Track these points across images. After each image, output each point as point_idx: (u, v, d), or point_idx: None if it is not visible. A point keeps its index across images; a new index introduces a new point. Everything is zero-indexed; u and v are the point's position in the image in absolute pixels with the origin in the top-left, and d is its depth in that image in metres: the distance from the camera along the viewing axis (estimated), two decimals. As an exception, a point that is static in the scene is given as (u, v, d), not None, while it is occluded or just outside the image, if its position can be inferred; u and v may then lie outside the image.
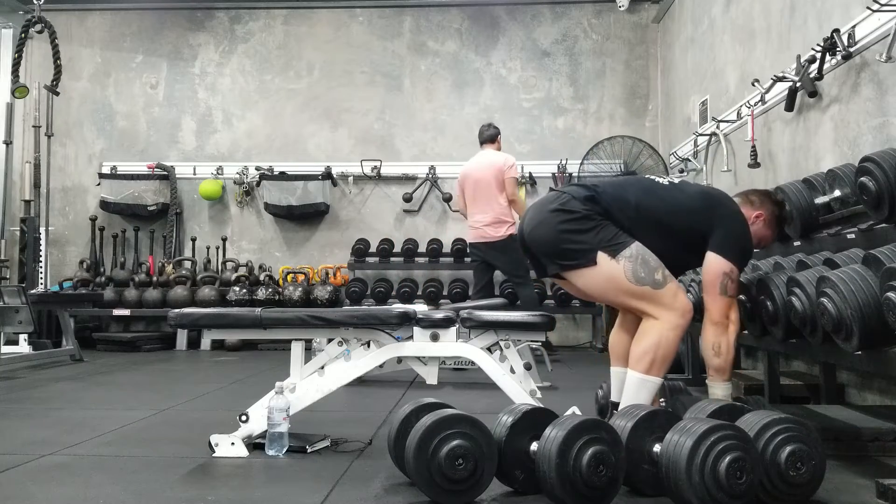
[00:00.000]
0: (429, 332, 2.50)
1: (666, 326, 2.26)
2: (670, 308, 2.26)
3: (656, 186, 2.45)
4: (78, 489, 2.03)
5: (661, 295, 2.27)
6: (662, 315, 2.26)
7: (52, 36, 5.99)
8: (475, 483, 1.85)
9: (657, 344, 2.25)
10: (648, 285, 2.27)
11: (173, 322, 2.61)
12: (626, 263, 2.28)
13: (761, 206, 2.57)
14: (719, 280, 2.31)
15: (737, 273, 2.35)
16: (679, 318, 2.27)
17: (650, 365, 2.25)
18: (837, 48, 3.25)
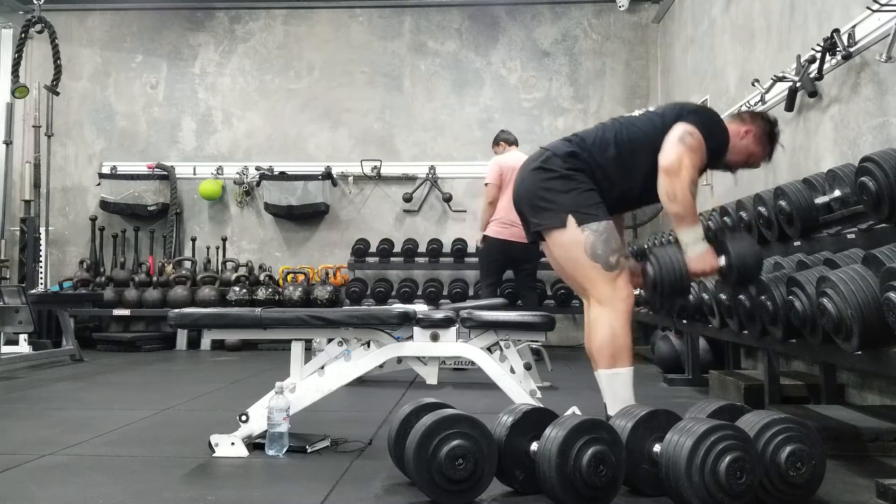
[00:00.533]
0: (429, 332, 2.50)
1: (612, 316, 2.28)
2: (612, 292, 2.28)
3: (632, 118, 2.53)
4: (78, 489, 2.03)
5: (608, 277, 2.29)
6: (604, 300, 2.28)
7: (52, 36, 5.99)
8: (475, 483, 1.85)
9: (611, 336, 2.28)
10: (601, 264, 2.29)
11: (173, 322, 2.61)
12: (588, 235, 2.31)
13: (751, 123, 2.55)
14: (677, 132, 2.34)
15: (698, 136, 2.34)
16: (621, 303, 2.29)
17: (612, 357, 2.27)
18: (837, 48, 3.25)
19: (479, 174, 7.08)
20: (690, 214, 2.34)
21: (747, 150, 2.53)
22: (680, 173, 2.29)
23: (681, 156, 2.30)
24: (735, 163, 2.57)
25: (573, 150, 2.39)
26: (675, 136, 2.34)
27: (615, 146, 2.40)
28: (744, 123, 2.54)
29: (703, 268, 2.37)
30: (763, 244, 3.31)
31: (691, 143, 2.32)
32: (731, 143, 2.50)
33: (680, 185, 2.29)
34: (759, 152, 2.57)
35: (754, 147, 2.55)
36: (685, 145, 2.32)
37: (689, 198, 2.31)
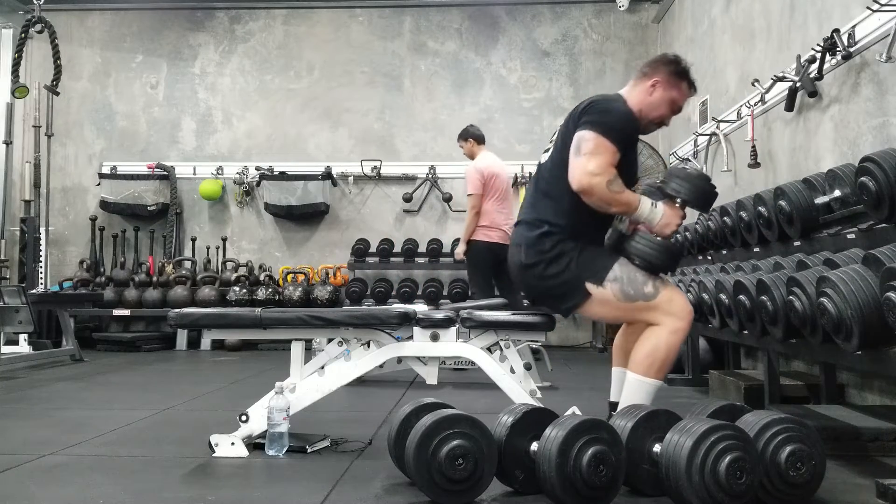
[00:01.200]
0: (429, 332, 2.49)
1: (666, 331, 2.26)
2: (668, 314, 2.26)
3: (542, 162, 2.50)
4: (78, 489, 2.03)
5: (656, 305, 2.27)
6: (663, 321, 2.27)
7: (52, 36, 5.99)
8: (475, 483, 1.85)
9: (656, 347, 2.26)
10: (640, 300, 2.27)
11: (173, 322, 2.61)
12: (612, 286, 2.29)
13: (654, 72, 2.46)
14: (572, 148, 2.30)
15: (593, 137, 2.27)
16: (679, 321, 2.27)
17: (649, 368, 2.26)
18: (837, 48, 3.25)
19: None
20: (627, 202, 2.29)
21: (664, 99, 2.45)
22: (593, 188, 2.25)
23: (583, 171, 2.25)
24: (662, 115, 2.48)
25: (540, 231, 2.36)
26: (572, 154, 2.30)
27: (557, 199, 2.36)
28: (647, 78, 2.46)
29: (672, 223, 2.32)
30: (763, 244, 3.32)
31: (590, 149, 2.26)
32: (645, 102, 2.44)
33: (602, 195, 2.25)
34: (676, 95, 2.48)
35: (669, 92, 2.45)
36: (584, 156, 2.26)
37: (617, 195, 2.26)
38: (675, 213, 2.31)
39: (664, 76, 2.44)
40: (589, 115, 2.34)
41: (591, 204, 2.28)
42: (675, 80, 2.45)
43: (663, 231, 2.31)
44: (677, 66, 2.47)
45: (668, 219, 2.30)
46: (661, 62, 2.49)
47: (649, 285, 2.28)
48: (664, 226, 2.30)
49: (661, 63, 2.48)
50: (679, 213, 2.32)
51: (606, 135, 2.28)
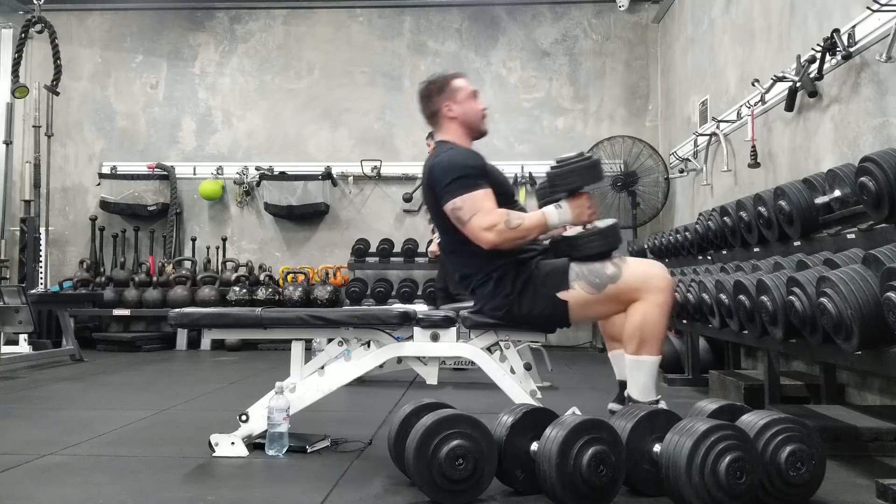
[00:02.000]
0: (429, 332, 2.49)
1: (647, 305, 2.25)
2: (645, 288, 2.25)
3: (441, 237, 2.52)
4: (78, 489, 2.03)
5: (628, 282, 2.27)
6: (642, 295, 2.26)
7: (52, 36, 5.99)
8: (475, 483, 1.85)
9: (642, 324, 2.25)
10: (609, 283, 2.27)
11: (173, 322, 2.61)
12: (579, 285, 2.30)
13: (440, 91, 2.49)
14: (454, 218, 2.31)
15: (461, 200, 2.27)
16: (657, 293, 2.25)
17: (639, 345, 2.26)
18: (837, 48, 3.25)
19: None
20: (535, 225, 2.30)
21: (465, 110, 2.48)
22: (498, 241, 2.26)
23: (480, 234, 2.27)
24: (476, 109, 2.51)
25: (491, 283, 2.36)
26: (459, 226, 2.31)
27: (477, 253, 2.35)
28: (440, 113, 2.48)
29: (583, 210, 2.32)
30: (763, 244, 3.32)
31: (468, 212, 2.27)
32: (461, 120, 2.47)
33: (510, 239, 2.27)
34: (461, 92, 2.49)
35: (458, 97, 2.48)
36: (469, 222, 2.27)
37: (523, 228, 2.27)
38: (578, 200, 2.33)
39: (442, 97, 2.48)
40: (441, 185, 2.34)
41: (508, 247, 2.30)
42: (449, 90, 2.49)
43: (582, 220, 2.33)
44: (434, 84, 2.51)
45: (578, 209, 2.32)
46: (430, 94, 2.52)
47: (609, 267, 2.29)
48: (578, 217, 2.32)
49: (430, 94, 2.51)
50: (581, 199, 2.33)
51: (467, 187, 2.29)
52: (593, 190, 2.47)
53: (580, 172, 2.33)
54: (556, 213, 2.32)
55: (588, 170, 2.33)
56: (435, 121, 2.54)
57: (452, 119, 2.49)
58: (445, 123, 2.51)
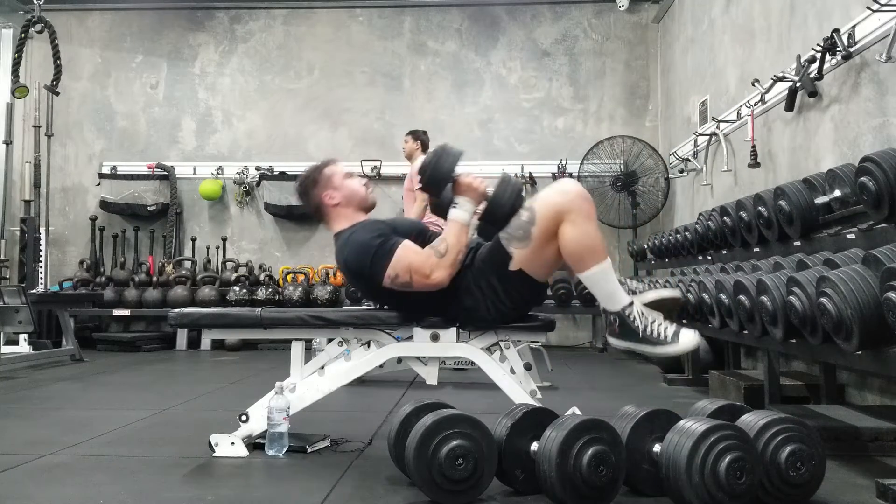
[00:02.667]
0: (429, 332, 2.49)
1: (570, 223, 2.20)
2: (561, 211, 2.21)
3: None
4: (78, 489, 2.03)
5: (544, 218, 2.23)
6: (563, 217, 2.21)
7: (52, 36, 5.99)
8: (475, 483, 1.85)
9: (574, 241, 2.20)
10: (532, 227, 2.24)
11: (173, 322, 2.61)
12: (514, 246, 2.27)
13: (315, 184, 2.51)
14: (398, 286, 2.32)
15: (391, 269, 2.29)
16: (572, 206, 2.21)
17: (583, 261, 2.22)
18: (837, 48, 3.25)
19: (479, 174, 7.06)
20: (457, 240, 2.30)
21: (346, 193, 2.50)
22: (442, 273, 2.28)
23: (426, 281, 2.29)
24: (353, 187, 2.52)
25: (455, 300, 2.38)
26: (408, 287, 2.32)
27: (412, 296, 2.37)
28: (324, 205, 2.51)
29: (469, 190, 2.34)
30: (763, 244, 3.32)
31: (402, 271, 2.29)
32: (346, 202, 2.50)
33: (448, 261, 2.27)
34: (340, 182, 2.51)
35: (338, 188, 2.50)
36: (413, 278, 2.29)
37: (451, 252, 2.28)
38: (462, 185, 2.35)
39: (318, 189, 2.51)
40: (367, 269, 2.34)
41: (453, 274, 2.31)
42: (323, 180, 2.52)
43: (479, 195, 2.34)
44: (307, 179, 2.54)
45: (467, 191, 2.34)
46: (306, 190, 2.54)
47: (522, 214, 2.27)
48: (474, 195, 2.33)
49: (307, 190, 2.54)
50: (462, 182, 2.34)
51: (388, 254, 2.30)
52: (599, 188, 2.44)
53: (438, 165, 2.34)
54: (459, 210, 2.33)
55: (442, 158, 2.35)
56: (321, 214, 2.55)
57: (336, 206, 2.50)
58: (332, 213, 2.51)
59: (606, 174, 6.65)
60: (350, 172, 2.58)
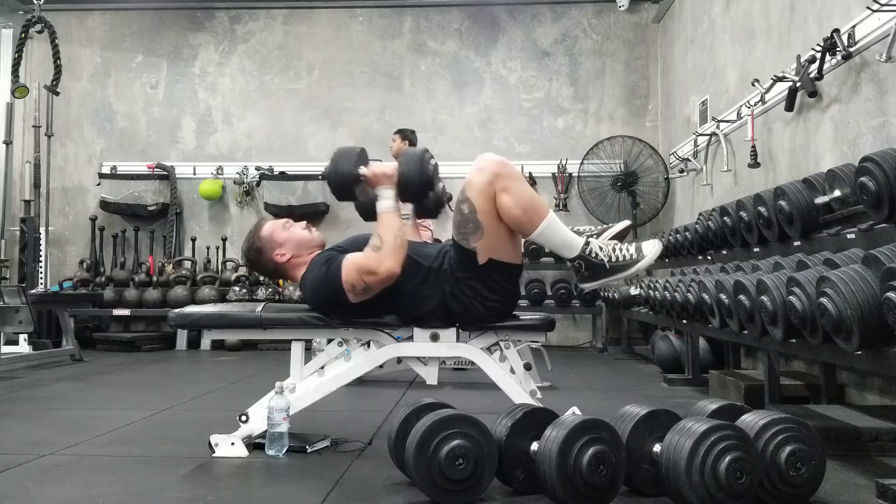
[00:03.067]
0: (429, 332, 2.49)
1: (502, 192, 2.22)
2: (489, 185, 2.22)
3: None
4: (78, 489, 2.03)
5: (477, 197, 2.24)
6: (495, 190, 2.23)
7: (52, 36, 5.99)
8: (475, 483, 1.85)
9: (512, 207, 2.22)
10: (474, 214, 2.26)
11: (173, 322, 2.61)
12: (473, 242, 2.29)
13: (261, 250, 2.55)
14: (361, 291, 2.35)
15: (345, 283, 2.34)
16: (496, 177, 2.22)
17: (528, 222, 2.23)
18: (837, 48, 3.25)
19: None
20: (388, 223, 2.37)
21: (293, 245, 2.55)
22: (386, 264, 2.32)
23: (375, 277, 2.33)
24: (309, 241, 2.60)
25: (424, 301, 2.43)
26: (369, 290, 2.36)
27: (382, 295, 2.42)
28: (270, 256, 2.54)
29: (381, 173, 2.41)
30: (763, 244, 3.32)
31: (357, 276, 2.33)
32: (295, 255, 2.54)
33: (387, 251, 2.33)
34: (281, 237, 2.56)
35: (283, 243, 2.55)
36: (363, 282, 2.33)
37: (386, 237, 2.35)
38: (372, 175, 2.41)
39: (266, 252, 2.54)
40: (333, 291, 2.38)
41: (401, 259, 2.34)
42: (266, 242, 2.55)
43: (390, 178, 2.40)
44: (251, 247, 2.57)
45: (379, 178, 2.40)
46: (256, 258, 2.58)
47: (463, 206, 2.28)
48: (384, 179, 2.41)
49: (257, 258, 2.57)
50: (372, 172, 2.41)
51: (338, 270, 2.37)
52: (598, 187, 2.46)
53: (337, 170, 2.43)
54: (381, 201, 2.39)
55: (338, 162, 2.43)
56: (281, 274, 2.56)
57: (290, 259, 2.54)
58: (289, 267, 2.54)
59: (606, 174, 6.65)
60: (286, 221, 2.61)
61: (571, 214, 6.94)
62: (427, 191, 2.37)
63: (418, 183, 2.33)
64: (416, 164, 2.33)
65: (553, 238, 2.26)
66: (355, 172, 2.40)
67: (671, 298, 3.85)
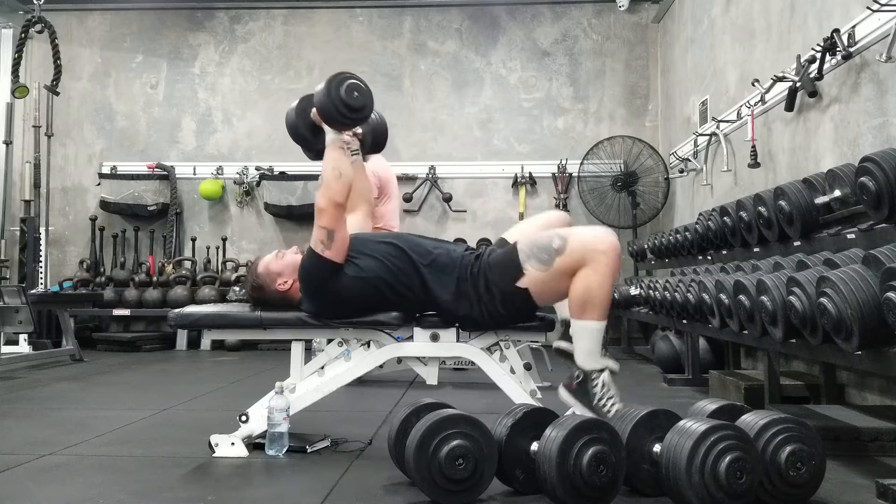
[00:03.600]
0: (429, 332, 2.49)
1: (591, 269, 2.21)
2: (590, 254, 2.21)
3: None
4: (78, 489, 2.03)
5: (573, 252, 2.23)
6: (587, 262, 2.21)
7: (52, 36, 5.99)
8: (475, 483, 1.85)
9: (586, 288, 2.20)
10: (557, 257, 2.24)
11: (173, 322, 2.61)
12: (529, 265, 2.27)
13: (262, 286, 2.56)
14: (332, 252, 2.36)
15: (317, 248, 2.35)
16: (601, 256, 2.20)
17: (583, 309, 2.22)
18: (837, 48, 3.25)
19: (479, 174, 7.11)
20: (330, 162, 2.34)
21: (290, 273, 2.52)
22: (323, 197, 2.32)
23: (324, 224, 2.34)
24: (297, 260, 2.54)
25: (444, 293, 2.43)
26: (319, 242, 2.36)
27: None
28: (274, 287, 2.54)
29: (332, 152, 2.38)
30: (763, 244, 3.32)
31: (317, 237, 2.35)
32: (292, 280, 2.52)
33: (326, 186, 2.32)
34: (277, 266, 2.54)
35: (280, 272, 2.53)
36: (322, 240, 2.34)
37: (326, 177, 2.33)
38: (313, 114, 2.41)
39: (268, 284, 2.54)
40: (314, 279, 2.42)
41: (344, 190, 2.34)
42: (265, 275, 2.55)
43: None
44: (254, 284, 2.58)
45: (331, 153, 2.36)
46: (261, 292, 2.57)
47: (555, 241, 2.26)
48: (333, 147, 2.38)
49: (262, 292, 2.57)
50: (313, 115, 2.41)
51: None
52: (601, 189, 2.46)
53: (290, 113, 2.50)
54: (328, 137, 2.37)
55: (291, 110, 2.50)
56: (288, 301, 2.55)
57: (292, 285, 2.52)
58: (294, 292, 2.53)
59: (606, 174, 6.65)
60: (277, 252, 2.61)
61: (571, 214, 6.91)
62: (344, 112, 2.29)
63: (333, 106, 2.28)
64: (324, 87, 2.29)
65: (587, 340, 2.24)
66: (306, 117, 2.45)
67: (671, 298, 3.85)
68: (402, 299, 2.42)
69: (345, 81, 2.29)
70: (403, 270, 2.40)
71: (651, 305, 4.49)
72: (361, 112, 2.33)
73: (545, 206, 7.00)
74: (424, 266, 2.40)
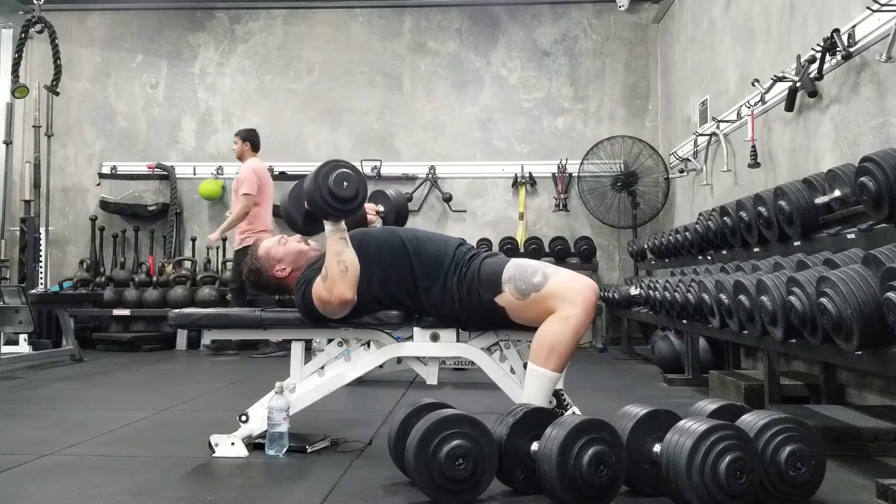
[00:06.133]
0: (429, 332, 2.49)
1: (558, 318, 2.20)
2: (562, 299, 2.20)
3: None
4: (78, 489, 2.03)
5: (548, 293, 2.21)
6: (557, 306, 2.20)
7: (52, 36, 5.99)
8: (475, 483, 1.85)
9: (545, 335, 2.20)
10: (532, 291, 2.23)
11: (173, 322, 2.61)
12: (507, 288, 2.26)
13: (260, 270, 2.53)
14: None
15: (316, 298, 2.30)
16: (571, 307, 2.19)
17: (543, 357, 2.21)
18: (837, 48, 3.25)
19: (479, 174, 7.11)
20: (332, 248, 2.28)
21: (291, 260, 2.50)
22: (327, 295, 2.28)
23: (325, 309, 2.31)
24: (300, 252, 2.52)
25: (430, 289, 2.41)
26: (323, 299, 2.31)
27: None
28: (272, 273, 2.51)
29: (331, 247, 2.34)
30: (763, 244, 3.32)
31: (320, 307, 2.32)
32: (293, 268, 2.50)
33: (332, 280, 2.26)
34: (278, 253, 2.51)
35: (280, 259, 2.51)
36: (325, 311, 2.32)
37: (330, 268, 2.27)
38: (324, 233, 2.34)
39: (266, 270, 2.51)
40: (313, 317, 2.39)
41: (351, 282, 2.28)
42: (265, 261, 2.52)
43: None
44: (252, 269, 2.55)
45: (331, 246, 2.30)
46: (259, 278, 2.55)
47: (538, 275, 2.25)
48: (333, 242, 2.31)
49: (259, 278, 2.54)
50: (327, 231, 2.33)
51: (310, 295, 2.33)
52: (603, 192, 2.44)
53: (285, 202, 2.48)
54: (329, 229, 2.30)
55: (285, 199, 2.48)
56: (284, 288, 2.55)
57: (290, 273, 2.50)
58: (291, 281, 2.51)
59: (606, 174, 6.65)
60: (281, 237, 2.58)
61: (571, 214, 6.94)
62: (333, 203, 2.22)
63: (317, 195, 2.21)
64: (311, 178, 2.23)
65: (538, 389, 2.22)
66: (300, 207, 2.39)
67: (671, 298, 3.85)
68: (399, 300, 2.42)
69: (333, 172, 2.22)
70: (398, 268, 2.39)
71: (651, 305, 4.49)
72: (352, 202, 2.25)
73: (545, 206, 7.01)
74: (414, 254, 2.40)
